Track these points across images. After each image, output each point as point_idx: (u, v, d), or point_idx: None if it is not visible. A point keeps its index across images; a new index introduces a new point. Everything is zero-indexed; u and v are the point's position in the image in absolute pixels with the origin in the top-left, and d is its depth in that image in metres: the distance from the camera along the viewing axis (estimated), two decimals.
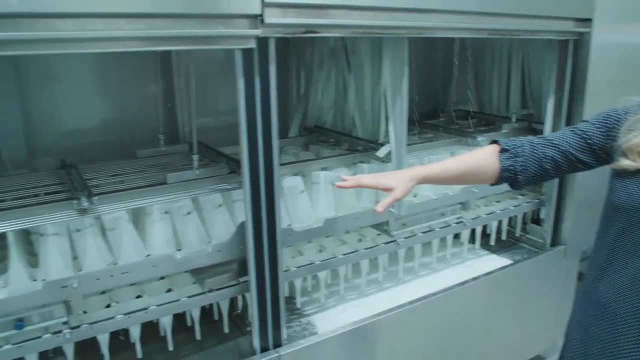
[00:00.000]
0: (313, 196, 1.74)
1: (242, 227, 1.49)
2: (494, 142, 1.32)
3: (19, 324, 1.30)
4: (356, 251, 1.83)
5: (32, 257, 1.48)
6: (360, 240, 1.91)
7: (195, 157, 1.56)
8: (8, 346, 1.31)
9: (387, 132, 1.84)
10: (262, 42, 1.32)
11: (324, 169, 1.79)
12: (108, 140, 1.90)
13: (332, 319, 1.79)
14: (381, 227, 1.93)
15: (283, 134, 2.16)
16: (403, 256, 2.05)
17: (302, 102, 2.24)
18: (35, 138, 1.79)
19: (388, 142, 1.81)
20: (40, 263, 1.37)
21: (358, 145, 1.95)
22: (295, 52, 2.21)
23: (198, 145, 1.64)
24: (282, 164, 1.47)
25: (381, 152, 1.79)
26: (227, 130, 1.95)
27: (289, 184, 1.66)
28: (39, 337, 1.34)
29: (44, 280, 1.33)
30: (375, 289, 2.00)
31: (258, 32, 1.29)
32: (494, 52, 2.62)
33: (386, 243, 1.90)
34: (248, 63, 1.32)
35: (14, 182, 1.61)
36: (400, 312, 1.83)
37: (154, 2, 1.15)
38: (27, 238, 1.51)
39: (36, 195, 1.53)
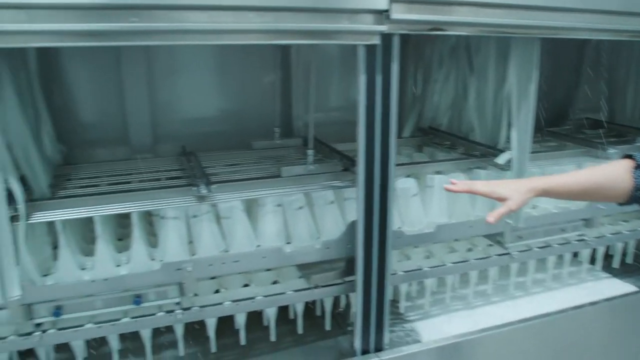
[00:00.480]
0: (426, 200, 1.68)
1: (352, 225, 1.47)
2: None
3: (137, 299, 1.37)
4: (466, 261, 1.75)
5: (152, 237, 1.55)
6: (470, 249, 1.82)
7: (310, 152, 1.56)
8: (126, 319, 1.38)
9: (508, 138, 1.73)
10: (386, 38, 1.28)
11: (438, 172, 1.72)
12: (226, 130, 1.96)
13: (436, 328, 1.72)
14: (494, 237, 1.82)
15: (397, 133, 2.11)
16: (515, 270, 1.93)
17: (418, 101, 2.18)
18: (159, 124, 1.88)
19: (509, 148, 1.70)
20: (159, 244, 1.44)
21: (475, 150, 1.86)
22: (414, 49, 2.15)
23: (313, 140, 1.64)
24: (396, 165, 1.43)
25: (501, 159, 1.68)
26: (340, 127, 1.93)
27: (402, 185, 1.61)
28: (154, 314, 1.40)
29: (162, 261, 1.39)
30: (483, 301, 1.90)
31: (383, 28, 1.25)
32: (631, 55, 2.38)
33: (499, 255, 1.80)
34: (371, 59, 1.29)
35: (140, 165, 1.70)
36: (509, 330, 1.71)
37: None
38: (149, 219, 1.59)
39: (158, 180, 1.61)
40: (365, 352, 1.55)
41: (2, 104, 1.25)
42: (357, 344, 1.54)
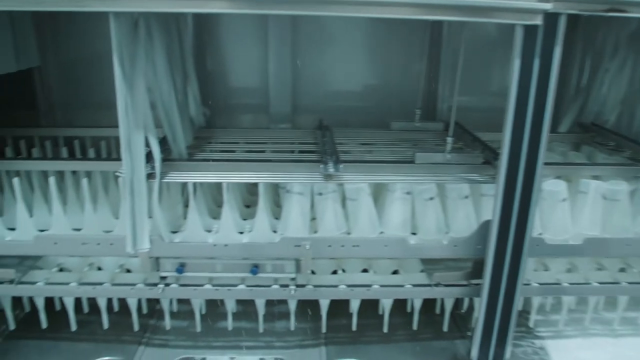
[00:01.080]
0: (576, 207, 1.47)
1: (485, 225, 1.33)
2: None
3: (254, 269, 1.38)
4: (617, 283, 1.51)
5: (278, 207, 1.55)
6: (623, 269, 1.58)
7: (450, 139, 1.43)
8: (242, 286, 1.41)
9: None
10: (550, 18, 1.10)
11: (595, 177, 1.49)
12: (365, 106, 1.90)
13: (568, 351, 1.53)
14: None
15: (551, 128, 1.88)
16: None
17: (581, 93, 1.91)
18: (300, 95, 1.88)
19: None
20: (282, 217, 1.43)
21: None
22: (582, 33, 1.89)
23: (456, 126, 1.51)
24: (545, 163, 1.26)
25: None
26: (488, 113, 1.77)
27: (549, 187, 1.43)
28: (269, 286, 1.41)
29: (282, 234, 1.38)
30: (632, 331, 1.65)
31: (547, 6, 1.08)
32: None
33: None
34: (529, 42, 1.12)
35: (276, 135, 1.71)
36: None
37: None
38: (276, 189, 1.60)
39: (291, 152, 1.60)
40: None
41: (151, 66, 1.30)
42: (475, 352, 1.42)
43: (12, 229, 1.41)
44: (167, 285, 1.39)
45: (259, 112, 1.90)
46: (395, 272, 1.52)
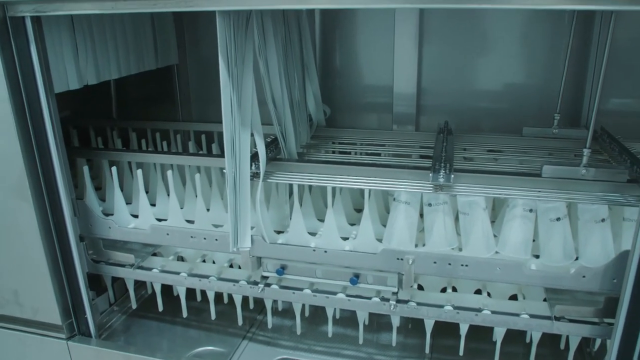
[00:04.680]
0: None
1: (624, 256, 1.12)
2: None
3: (354, 279, 1.31)
4: None
5: (387, 213, 1.47)
6: None
7: (587, 151, 1.22)
8: (341, 295, 1.35)
9: None
10: None
11: None
12: (496, 108, 1.71)
13: None
14: None
15: None
16: None
17: None
18: (425, 95, 1.76)
19: None
20: (387, 226, 1.34)
21: None
22: None
23: (603, 134, 1.28)
24: None
25: None
26: None
27: None
28: (369, 298, 1.34)
29: (385, 245, 1.29)
30: None
31: None
32: None
33: None
34: None
35: (395, 137, 1.63)
36: None
37: None
38: (386, 194, 1.52)
39: (409, 156, 1.51)
40: None
41: (264, 63, 1.29)
42: None
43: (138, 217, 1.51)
44: (267, 285, 1.39)
45: (382, 112, 1.81)
46: (513, 297, 1.35)
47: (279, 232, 1.43)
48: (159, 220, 1.48)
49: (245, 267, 1.37)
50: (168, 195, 1.53)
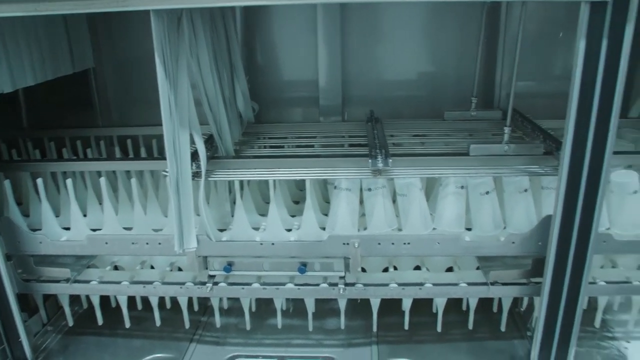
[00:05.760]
0: None
1: (545, 221, 1.24)
2: None
3: (302, 267, 1.34)
4: None
5: (326, 203, 1.52)
6: None
7: (507, 129, 1.34)
8: (290, 285, 1.38)
9: None
10: None
11: None
12: (417, 96, 1.81)
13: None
14: None
15: (620, 113, 1.74)
16: None
17: None
18: (350, 87, 1.82)
19: None
20: (330, 214, 1.38)
21: None
22: None
23: (513, 114, 1.41)
24: (614, 152, 1.15)
25: None
26: (550, 100, 1.66)
27: (618, 179, 1.31)
28: (317, 284, 1.38)
29: (330, 232, 1.34)
30: None
31: None
32: None
33: None
34: (596, 21, 1.02)
35: (325, 128, 1.68)
36: None
37: None
38: (324, 184, 1.56)
39: (341, 145, 1.56)
40: None
41: (196, 62, 1.29)
42: (535, 354, 1.34)
43: (68, 229, 1.45)
44: (215, 284, 1.38)
45: (309, 106, 1.86)
46: (449, 269, 1.45)
47: (221, 230, 1.43)
48: (93, 230, 1.43)
49: (191, 268, 1.35)
50: (100, 203, 1.48)
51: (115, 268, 1.53)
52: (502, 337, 1.51)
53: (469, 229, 1.37)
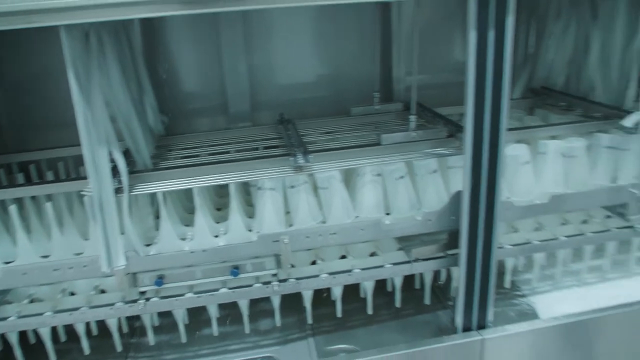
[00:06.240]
0: (538, 168, 1.53)
1: (456, 196, 1.36)
2: None
3: (235, 270, 1.36)
4: (581, 234, 1.59)
5: (250, 207, 1.54)
6: (585, 221, 1.66)
7: (413, 117, 1.45)
8: (224, 290, 1.39)
9: (637, 97, 1.53)
10: None
11: (553, 137, 1.55)
12: (323, 96, 1.90)
13: (545, 306, 1.59)
14: (614, 209, 1.64)
15: None
16: (638, 245, 1.74)
17: (530, 59, 1.98)
18: (257, 92, 1.86)
19: (637, 109, 1.50)
20: (256, 215, 1.42)
21: (596, 111, 1.66)
22: (526, 1, 1.95)
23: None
24: (506, 130, 1.30)
25: (628, 121, 1.49)
26: (444, 90, 1.81)
27: (511, 152, 1.47)
28: (251, 285, 1.40)
29: (259, 232, 1.37)
30: (598, 278, 1.73)
31: None
32: None
33: (619, 228, 1.62)
34: (483, 13, 1.15)
35: (238, 134, 1.69)
36: (630, 311, 1.55)
37: None
38: (246, 188, 1.58)
39: (256, 149, 1.59)
40: (467, 329, 1.47)
41: (106, 77, 1.26)
42: (459, 320, 1.46)
43: None
44: (147, 299, 1.36)
45: (218, 114, 1.87)
46: (373, 254, 1.53)
47: (147, 245, 1.41)
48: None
49: (120, 287, 1.32)
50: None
51: (33, 301, 1.44)
52: (428, 310, 1.62)
53: (388, 214, 1.46)
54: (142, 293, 1.36)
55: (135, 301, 1.36)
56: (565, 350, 1.54)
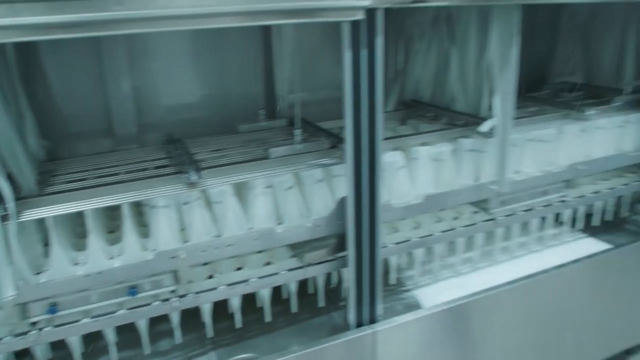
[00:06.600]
0: (412, 172, 1.69)
1: (341, 202, 1.48)
2: None
3: (132, 290, 1.37)
4: (453, 229, 1.79)
5: (143, 227, 1.54)
6: (456, 218, 1.86)
7: (298, 131, 1.56)
8: (122, 311, 1.38)
9: (490, 106, 1.76)
10: (371, 13, 1.28)
11: (423, 144, 1.73)
12: (210, 115, 1.94)
13: (427, 297, 1.76)
14: (480, 204, 1.86)
15: None
16: (501, 235, 1.97)
17: (400, 75, 2.18)
18: (143, 114, 1.86)
19: (491, 116, 1.73)
20: (151, 234, 1.43)
21: (459, 119, 1.88)
22: (394, 23, 2.14)
23: (295, 119, 1.63)
24: (382, 139, 1.44)
25: (484, 127, 1.71)
26: (324, 105, 1.94)
27: (388, 159, 1.62)
28: (149, 304, 1.41)
29: (155, 250, 1.39)
30: (470, 268, 1.94)
31: (367, 3, 1.25)
32: (607, 17, 2.40)
33: (484, 221, 1.84)
34: (355, 35, 1.29)
35: (126, 156, 1.68)
36: (497, 293, 1.77)
37: None
38: (139, 209, 1.58)
39: (145, 169, 1.59)
40: (359, 325, 1.58)
41: None
42: (351, 317, 1.57)
43: None
44: (40, 329, 1.32)
45: (103, 137, 1.84)
46: (267, 264, 1.60)
47: (37, 274, 1.36)
48: None
49: (7, 320, 1.27)
50: None
51: None
52: (322, 313, 1.72)
53: (280, 223, 1.54)
54: (34, 324, 1.32)
55: (25, 333, 1.31)
56: (448, 332, 1.72)
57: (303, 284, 1.75)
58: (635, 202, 2.31)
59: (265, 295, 1.61)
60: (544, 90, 2.50)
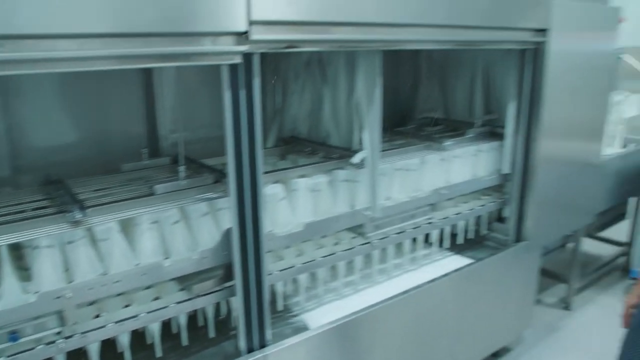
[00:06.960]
0: (293, 202, 1.82)
1: (227, 233, 1.56)
2: None
3: (13, 335, 1.33)
4: (333, 254, 1.93)
5: (23, 271, 1.50)
6: (336, 243, 2.00)
7: (182, 168, 1.62)
8: (2, 359, 1.33)
9: (360, 140, 1.94)
10: (247, 57, 1.40)
11: (302, 176, 1.87)
12: (91, 155, 1.93)
13: (313, 320, 1.87)
14: (357, 230, 2.02)
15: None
16: (377, 258, 2.15)
17: (278, 113, 2.32)
18: (19, 155, 1.81)
19: (362, 149, 1.91)
20: (33, 276, 1.40)
21: (333, 153, 2.04)
22: (271, 65, 2.29)
23: (179, 157, 1.70)
24: (263, 173, 1.55)
25: (356, 159, 1.88)
26: (206, 143, 2.02)
27: (270, 191, 1.73)
28: (32, 348, 1.37)
29: (37, 292, 1.36)
30: (352, 290, 2.09)
31: (244, 48, 1.37)
32: (458, 60, 2.75)
33: (361, 245, 2.01)
34: (234, 77, 1.40)
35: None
36: (376, 310, 1.93)
37: (139, 22, 1.20)
38: (18, 253, 1.54)
39: (22, 212, 1.55)
40: (250, 350, 1.65)
41: None
42: (242, 344, 1.63)
43: None
44: None
45: None
46: (156, 299, 1.62)
47: None
48: None
49: None
50: None
51: None
52: (213, 344, 1.77)
53: (168, 258, 1.58)
54: None
55: None
56: (334, 350, 1.85)
57: (193, 318, 1.78)
58: (492, 221, 2.62)
59: (155, 330, 1.62)
60: (409, 125, 2.79)
